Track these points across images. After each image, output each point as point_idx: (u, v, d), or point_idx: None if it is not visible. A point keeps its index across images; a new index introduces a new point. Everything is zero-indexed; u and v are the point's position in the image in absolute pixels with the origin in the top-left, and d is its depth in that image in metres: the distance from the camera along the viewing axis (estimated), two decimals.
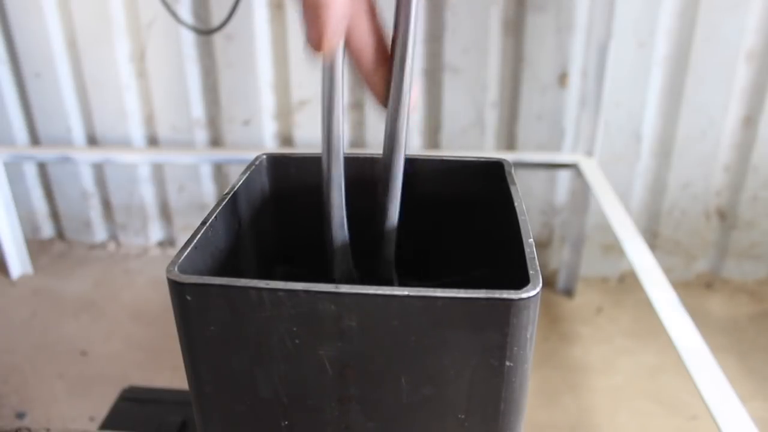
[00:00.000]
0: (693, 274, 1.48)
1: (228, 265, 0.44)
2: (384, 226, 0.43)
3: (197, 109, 1.49)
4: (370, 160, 0.50)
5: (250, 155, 0.52)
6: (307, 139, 1.46)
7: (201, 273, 0.38)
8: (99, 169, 1.60)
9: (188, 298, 0.34)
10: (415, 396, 0.35)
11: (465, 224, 0.52)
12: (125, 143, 1.54)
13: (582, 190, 1.33)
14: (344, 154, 0.42)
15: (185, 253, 0.36)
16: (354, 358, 0.34)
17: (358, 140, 1.46)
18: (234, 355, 0.35)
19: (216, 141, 1.53)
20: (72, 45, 1.46)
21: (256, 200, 0.50)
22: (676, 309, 0.82)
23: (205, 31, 1.37)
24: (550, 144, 1.39)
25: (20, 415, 1.09)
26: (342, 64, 0.37)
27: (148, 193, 1.60)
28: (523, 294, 0.32)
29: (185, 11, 1.38)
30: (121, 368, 1.20)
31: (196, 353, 0.36)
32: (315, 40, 0.34)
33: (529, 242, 0.37)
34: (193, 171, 1.55)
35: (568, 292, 1.44)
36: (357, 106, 1.43)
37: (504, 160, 0.50)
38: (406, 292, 0.32)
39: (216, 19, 1.37)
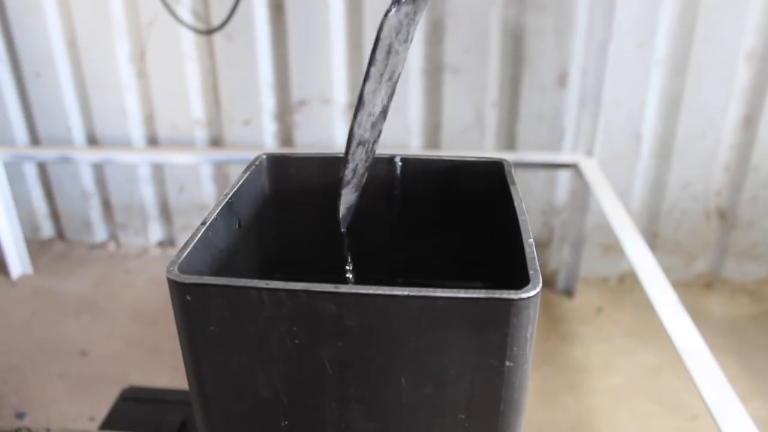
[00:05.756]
0: (693, 274, 1.48)
1: (228, 265, 0.44)
2: None
3: (197, 109, 1.49)
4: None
5: (250, 155, 0.52)
6: (307, 139, 1.46)
7: (201, 273, 0.38)
8: (99, 169, 1.60)
9: (188, 298, 0.34)
10: (415, 396, 0.35)
11: (465, 224, 0.52)
12: (125, 143, 1.54)
13: (582, 190, 1.33)
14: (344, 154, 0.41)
15: (185, 253, 0.36)
16: (354, 358, 0.34)
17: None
18: (234, 355, 0.35)
19: (216, 141, 1.53)
20: (72, 45, 1.46)
21: (256, 200, 0.50)
22: (676, 309, 0.82)
23: (205, 31, 1.37)
24: (550, 144, 1.39)
25: (20, 415, 1.09)
26: None
27: (148, 193, 1.60)
28: (523, 294, 0.32)
29: (185, 11, 1.38)
30: (121, 368, 1.20)
31: (197, 353, 0.36)
32: None
33: (529, 242, 0.37)
34: (193, 171, 1.55)
35: (568, 292, 1.44)
36: None
37: (504, 160, 0.50)
38: (406, 292, 0.32)
39: (216, 19, 1.37)
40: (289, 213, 0.52)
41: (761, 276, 1.46)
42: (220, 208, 0.42)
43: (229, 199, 0.44)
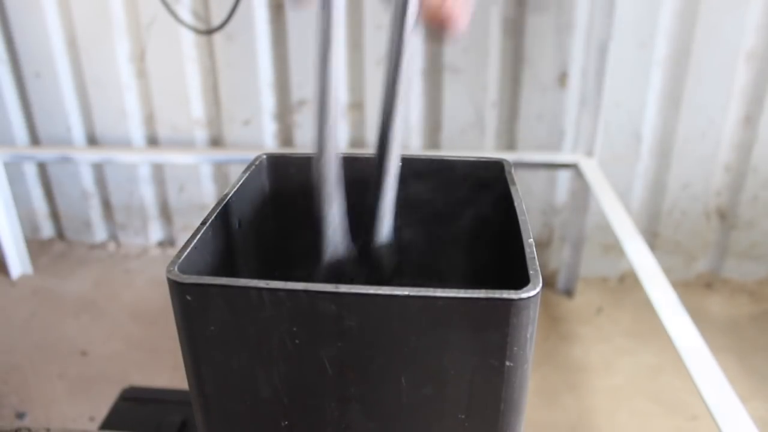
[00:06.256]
0: (693, 274, 1.48)
1: (228, 265, 0.44)
2: (380, 204, 0.42)
3: (197, 109, 1.49)
4: (370, 160, 0.50)
5: (250, 155, 0.52)
6: (307, 139, 1.46)
7: (201, 273, 0.37)
8: (99, 169, 1.60)
9: (188, 298, 0.34)
10: (415, 396, 0.35)
11: (465, 224, 0.52)
12: (125, 143, 1.54)
13: (582, 190, 1.33)
14: (345, 154, 0.42)
15: (185, 253, 0.36)
16: (354, 358, 0.34)
17: (358, 140, 1.46)
18: (234, 355, 0.35)
19: (216, 141, 1.53)
20: (72, 45, 1.46)
21: (256, 200, 0.50)
22: (676, 309, 0.82)
23: (205, 31, 1.37)
24: (550, 144, 1.39)
25: (20, 415, 1.09)
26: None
27: (148, 193, 1.60)
28: (523, 294, 0.32)
29: (185, 11, 1.38)
30: (121, 368, 1.20)
31: (197, 353, 0.36)
32: None
33: (529, 242, 0.37)
34: (193, 171, 1.55)
35: (568, 292, 1.44)
36: (357, 106, 1.43)
37: (504, 160, 0.50)
38: (406, 292, 0.32)
39: (216, 19, 1.37)
40: (289, 213, 0.52)
41: (761, 276, 1.46)
42: (220, 208, 0.42)
43: (229, 199, 0.44)
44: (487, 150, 1.41)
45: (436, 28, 0.37)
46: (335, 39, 0.36)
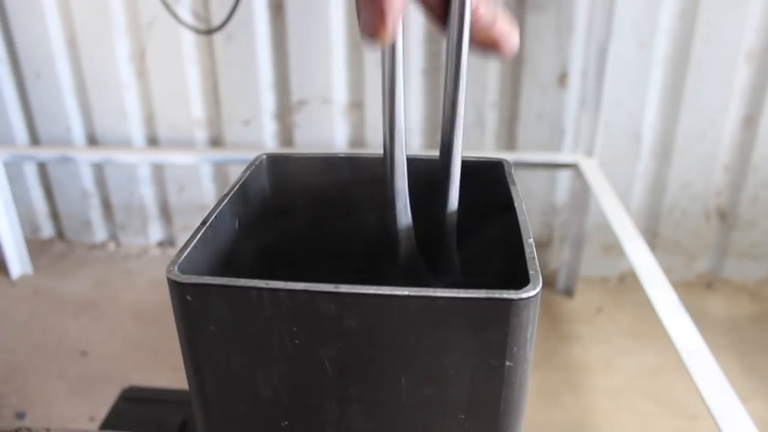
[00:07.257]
0: (693, 274, 1.48)
1: (228, 265, 0.44)
2: (446, 215, 0.44)
3: (197, 109, 1.49)
4: (370, 160, 0.50)
5: (250, 155, 0.52)
6: (307, 139, 1.46)
7: (201, 273, 0.37)
8: (99, 169, 1.60)
9: (188, 298, 0.34)
10: (415, 396, 0.35)
11: (465, 224, 0.52)
12: (125, 143, 1.54)
13: (582, 190, 1.33)
14: (345, 154, 0.42)
15: (185, 253, 0.36)
16: (354, 358, 0.34)
17: (358, 140, 1.46)
18: (234, 355, 0.35)
19: (216, 141, 1.53)
20: (72, 45, 1.46)
21: (256, 200, 0.50)
22: (676, 309, 0.82)
23: (205, 31, 1.37)
24: (550, 144, 1.39)
25: (20, 415, 1.09)
26: (402, 46, 0.36)
27: (148, 193, 1.60)
28: (523, 294, 0.32)
29: (185, 11, 1.38)
30: (121, 368, 1.20)
31: (197, 353, 0.36)
32: (372, 26, 0.32)
33: (529, 242, 0.37)
34: (193, 171, 1.55)
35: (568, 292, 1.44)
36: (357, 106, 1.43)
37: (504, 160, 0.50)
38: (406, 292, 0.32)
39: (216, 19, 1.37)
40: (289, 213, 0.52)
41: (761, 276, 1.46)
42: (220, 208, 0.42)
43: (229, 199, 0.44)
44: (487, 150, 1.41)
45: (490, 48, 0.37)
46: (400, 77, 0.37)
